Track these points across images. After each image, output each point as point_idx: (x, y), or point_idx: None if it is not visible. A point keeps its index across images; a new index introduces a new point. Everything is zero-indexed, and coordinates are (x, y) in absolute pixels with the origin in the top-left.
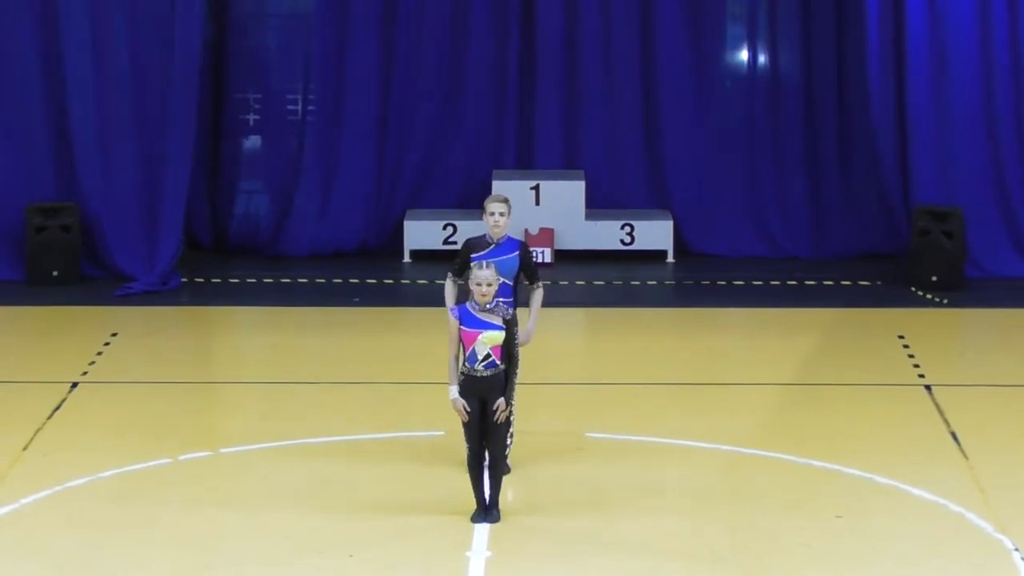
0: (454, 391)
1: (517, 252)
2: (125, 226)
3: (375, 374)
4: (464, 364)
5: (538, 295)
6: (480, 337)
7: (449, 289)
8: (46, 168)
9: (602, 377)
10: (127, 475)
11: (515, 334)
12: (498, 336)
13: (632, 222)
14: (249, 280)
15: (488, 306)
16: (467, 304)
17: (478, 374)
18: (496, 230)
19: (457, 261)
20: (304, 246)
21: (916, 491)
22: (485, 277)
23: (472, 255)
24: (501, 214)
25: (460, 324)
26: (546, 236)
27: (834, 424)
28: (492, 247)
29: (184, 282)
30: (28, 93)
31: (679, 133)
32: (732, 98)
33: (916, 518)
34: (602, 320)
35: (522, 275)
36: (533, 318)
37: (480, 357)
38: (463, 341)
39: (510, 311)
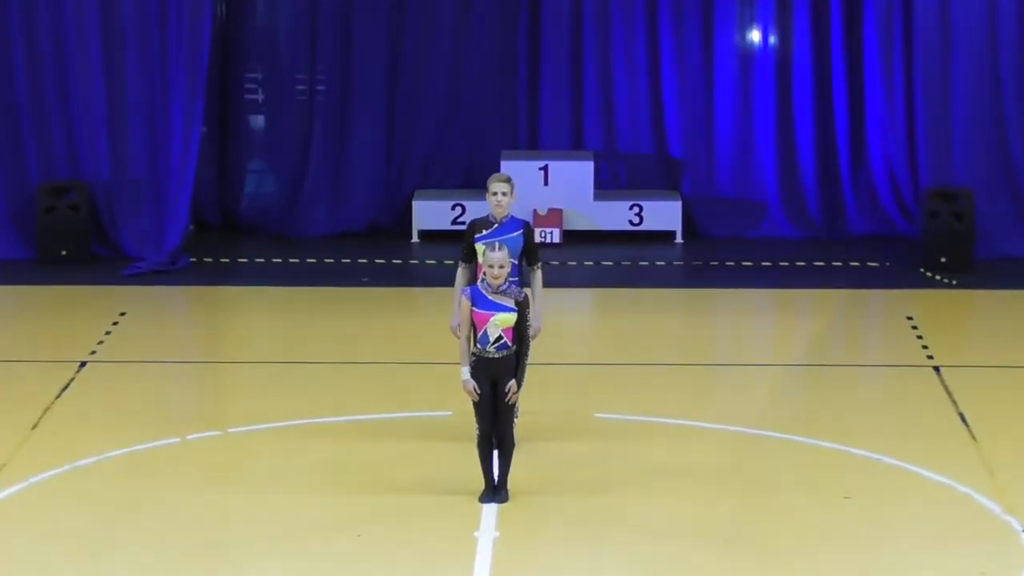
0: (466, 372)
1: (521, 231)
2: (134, 206)
3: (384, 354)
4: (476, 345)
5: (539, 281)
6: (492, 319)
7: (459, 278)
8: (55, 148)
9: (611, 358)
10: (136, 454)
11: (527, 316)
12: (510, 318)
13: (641, 203)
14: (258, 260)
15: (500, 288)
16: (479, 285)
17: (489, 356)
18: (499, 209)
19: (463, 245)
20: (313, 226)
21: (924, 472)
22: (497, 259)
23: (475, 236)
24: (504, 193)
25: (472, 305)
26: (555, 217)
27: (843, 405)
28: (495, 227)
29: (193, 262)
30: (37, 73)
31: (688, 114)
32: (741, 79)
33: (924, 499)
34: (611, 301)
35: (524, 255)
36: (537, 310)
37: (492, 339)
38: (475, 322)
39: (522, 293)
